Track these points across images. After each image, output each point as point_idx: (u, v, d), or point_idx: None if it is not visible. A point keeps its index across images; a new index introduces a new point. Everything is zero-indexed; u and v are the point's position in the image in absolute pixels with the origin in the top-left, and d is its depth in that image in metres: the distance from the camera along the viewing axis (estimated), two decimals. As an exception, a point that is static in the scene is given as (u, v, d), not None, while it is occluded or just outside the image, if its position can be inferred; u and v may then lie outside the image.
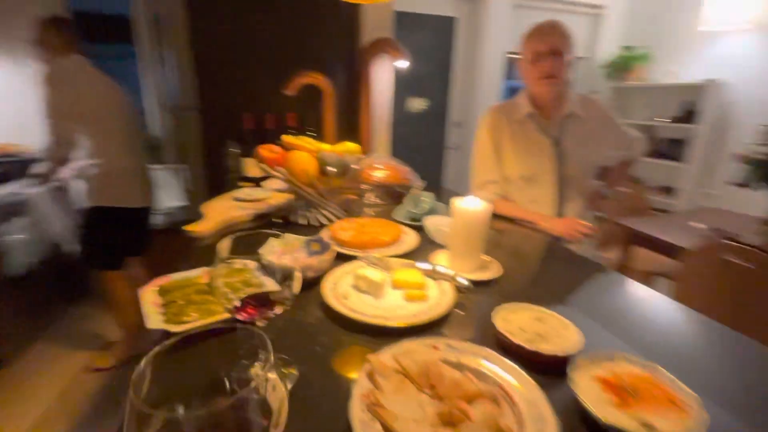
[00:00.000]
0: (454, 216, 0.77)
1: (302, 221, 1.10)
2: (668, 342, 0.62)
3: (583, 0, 3.06)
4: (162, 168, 2.57)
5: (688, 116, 2.72)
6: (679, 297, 0.98)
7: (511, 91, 3.52)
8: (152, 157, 2.58)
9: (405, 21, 2.56)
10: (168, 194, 2.60)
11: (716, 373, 0.55)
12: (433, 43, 2.86)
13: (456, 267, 0.75)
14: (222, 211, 1.13)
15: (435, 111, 3.06)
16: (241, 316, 0.45)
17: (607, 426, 0.40)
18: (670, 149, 2.82)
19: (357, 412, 0.40)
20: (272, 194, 1.29)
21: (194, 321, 0.57)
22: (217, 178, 1.65)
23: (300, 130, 1.62)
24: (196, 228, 0.99)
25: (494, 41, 2.90)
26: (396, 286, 0.70)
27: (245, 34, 1.58)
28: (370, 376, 0.45)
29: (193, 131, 1.61)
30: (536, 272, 0.90)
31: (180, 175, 1.85)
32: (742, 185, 1.70)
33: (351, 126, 1.80)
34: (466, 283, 0.70)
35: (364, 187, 1.36)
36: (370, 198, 1.34)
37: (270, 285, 0.48)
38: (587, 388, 0.44)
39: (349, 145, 1.13)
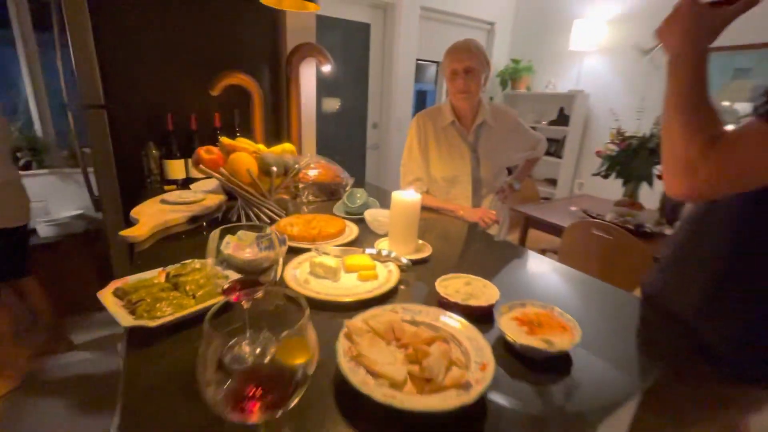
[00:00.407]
0: (393, 206, 0.90)
1: (243, 221, 1.13)
2: (558, 291, 0.83)
3: (476, 16, 3.46)
4: (52, 173, 2.26)
5: (562, 120, 3.27)
6: (563, 261, 1.25)
7: (420, 94, 3.81)
8: (38, 161, 2.25)
9: (324, 24, 2.63)
10: (62, 202, 2.30)
11: (590, 308, 0.77)
12: (350, 48, 2.98)
13: (397, 250, 0.88)
14: (154, 214, 1.11)
15: (354, 112, 3.18)
16: (232, 298, 0.51)
17: (521, 346, 0.56)
18: (551, 147, 3.36)
19: (344, 362, 0.49)
20: (205, 196, 1.29)
21: (169, 315, 0.60)
22: (130, 182, 1.55)
23: (226, 131, 1.60)
24: (131, 233, 0.96)
25: (405, 48, 3.13)
26: (349, 270, 0.80)
27: (162, 32, 1.51)
28: (348, 337, 0.54)
29: (99, 132, 1.48)
30: (460, 251, 1.07)
31: (82, 180, 1.66)
32: (601, 175, 2.15)
33: (278, 127, 1.82)
34: (406, 261, 0.83)
35: (300, 185, 1.42)
36: (306, 196, 1.41)
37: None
38: (507, 325, 0.60)
39: (287, 146, 1.18)
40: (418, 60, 3.28)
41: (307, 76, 1.69)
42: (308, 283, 0.75)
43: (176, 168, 1.51)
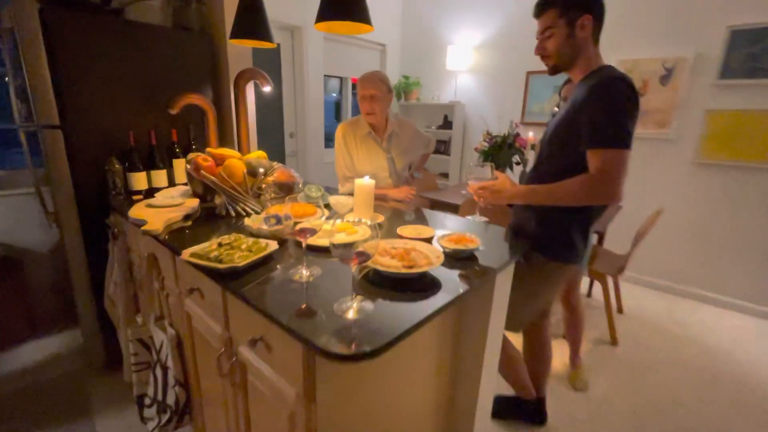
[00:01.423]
0: (358, 188, 1.33)
1: (231, 214, 1.42)
2: (466, 228, 1.36)
3: (370, 39, 4.04)
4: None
5: (447, 125, 4.04)
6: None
7: (336, 104, 4.24)
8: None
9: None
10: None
11: (483, 234, 1.31)
12: (264, 66, 3.25)
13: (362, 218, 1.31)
14: (153, 215, 1.33)
15: (272, 124, 3.46)
16: (299, 237, 0.89)
17: (452, 250, 1.05)
18: (441, 147, 4.11)
19: (370, 264, 0.91)
20: (184, 200, 1.53)
21: (248, 258, 0.93)
22: (87, 196, 1.66)
23: (182, 144, 1.81)
24: (150, 227, 1.20)
25: (313, 65, 3.52)
26: (340, 230, 1.21)
27: (118, 60, 1.65)
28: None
29: (55, 151, 1.58)
30: (400, 216, 1.55)
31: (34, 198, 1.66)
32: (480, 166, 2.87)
33: (222, 138, 2.07)
34: (372, 223, 1.27)
35: (262, 185, 1.73)
36: (269, 193, 1.73)
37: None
38: (442, 241, 1.09)
39: (259, 153, 1.49)
40: (325, 75, 3.70)
41: (250, 95, 1.99)
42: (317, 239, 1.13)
43: (140, 179, 1.68)
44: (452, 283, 0.93)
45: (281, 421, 0.84)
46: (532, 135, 2.70)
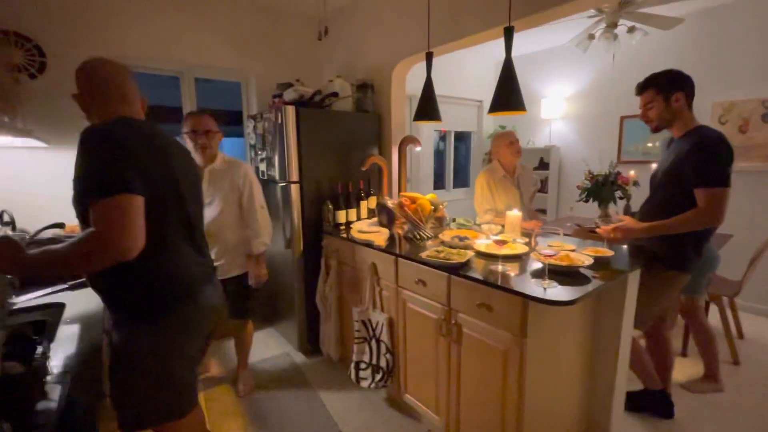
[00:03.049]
0: (510, 217, 1.90)
1: (415, 237, 2.08)
2: (585, 246, 1.85)
3: (468, 96, 4.76)
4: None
5: (543, 166, 4.50)
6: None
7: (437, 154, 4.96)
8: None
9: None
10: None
11: (617, 253, 1.78)
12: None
13: (515, 237, 1.86)
14: (374, 237, 2.04)
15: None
16: (498, 246, 1.48)
17: (595, 257, 1.55)
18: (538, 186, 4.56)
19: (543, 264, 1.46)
20: (379, 229, 2.24)
21: (461, 257, 1.54)
22: (310, 227, 2.46)
23: (365, 191, 2.58)
24: (374, 238, 1.89)
25: (426, 123, 4.30)
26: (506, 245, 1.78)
27: (325, 135, 2.53)
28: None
29: (295, 198, 2.42)
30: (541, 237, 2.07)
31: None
32: (582, 201, 3.27)
33: (391, 187, 2.82)
34: (522, 242, 1.82)
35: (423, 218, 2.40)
36: (430, 223, 2.38)
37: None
38: (586, 251, 1.60)
39: (431, 195, 2.17)
40: (434, 129, 4.47)
41: (408, 154, 2.74)
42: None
43: (342, 215, 2.45)
44: (597, 279, 1.43)
45: (495, 360, 1.39)
46: (633, 173, 3.07)
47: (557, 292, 1.29)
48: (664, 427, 1.92)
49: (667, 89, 1.66)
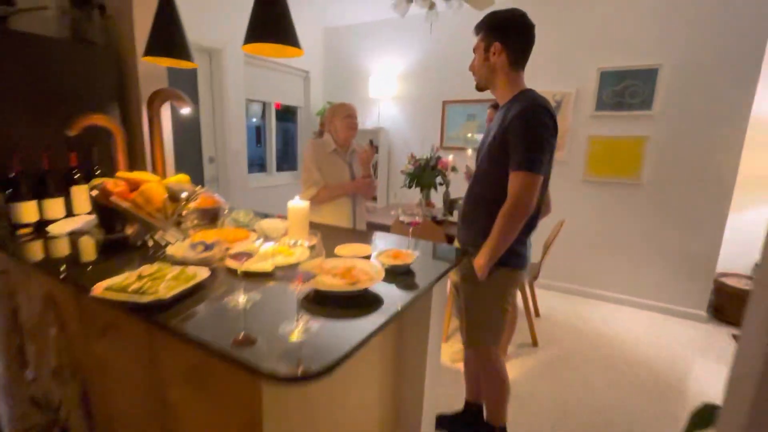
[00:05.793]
0: (291, 210, 1.30)
1: (149, 243, 1.29)
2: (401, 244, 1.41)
3: (293, 65, 4.07)
4: None
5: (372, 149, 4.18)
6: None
7: (251, 129, 4.12)
8: None
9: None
10: None
11: (420, 248, 1.36)
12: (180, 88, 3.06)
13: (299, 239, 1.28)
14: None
15: (189, 148, 3.24)
16: (236, 262, 0.85)
17: (390, 266, 1.08)
18: (368, 171, 4.23)
19: (314, 284, 0.90)
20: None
21: (175, 289, 0.85)
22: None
23: (84, 169, 1.61)
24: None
25: (233, 89, 3.42)
26: (277, 253, 1.17)
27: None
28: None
29: None
30: (337, 236, 1.54)
31: None
32: (407, 187, 3.01)
33: (133, 162, 1.89)
34: (308, 244, 1.26)
35: (183, 212, 1.60)
36: (192, 220, 1.60)
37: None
38: (380, 257, 1.12)
39: (181, 177, 1.39)
40: (247, 99, 3.61)
41: (166, 117, 1.87)
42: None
43: (28, 210, 1.44)
44: (393, 297, 0.95)
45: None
46: (452, 158, 2.92)
47: (316, 341, 0.73)
48: None
49: (487, 37, 1.30)
